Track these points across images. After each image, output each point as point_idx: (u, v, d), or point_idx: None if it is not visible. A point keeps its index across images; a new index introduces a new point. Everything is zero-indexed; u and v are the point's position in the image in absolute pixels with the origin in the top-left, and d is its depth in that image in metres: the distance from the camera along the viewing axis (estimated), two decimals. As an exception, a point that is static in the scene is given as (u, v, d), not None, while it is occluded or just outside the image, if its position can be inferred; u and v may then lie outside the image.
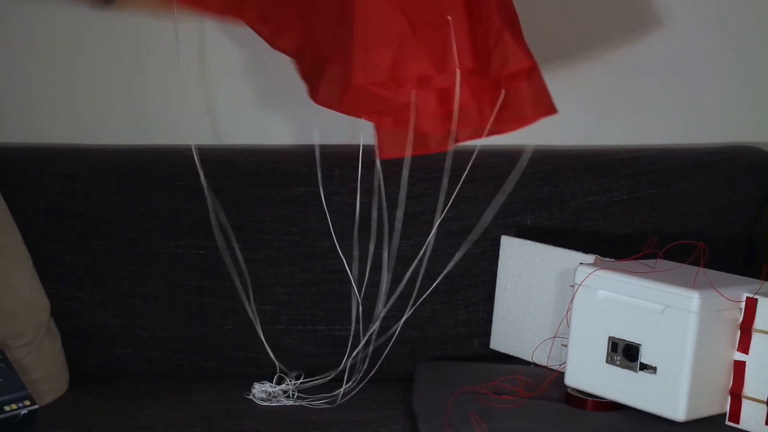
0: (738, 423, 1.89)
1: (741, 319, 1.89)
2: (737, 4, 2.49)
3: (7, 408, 1.90)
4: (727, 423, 1.91)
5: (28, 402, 1.93)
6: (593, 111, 2.51)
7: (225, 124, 2.47)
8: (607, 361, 1.96)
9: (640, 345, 1.92)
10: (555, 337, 2.15)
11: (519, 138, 2.50)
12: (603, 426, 1.92)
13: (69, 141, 2.47)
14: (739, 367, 1.89)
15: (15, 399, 1.92)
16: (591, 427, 1.92)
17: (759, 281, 1.96)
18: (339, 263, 2.29)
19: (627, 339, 1.93)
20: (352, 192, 2.30)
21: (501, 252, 2.28)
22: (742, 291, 1.90)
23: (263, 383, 2.17)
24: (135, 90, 2.47)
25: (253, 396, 2.14)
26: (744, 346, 1.89)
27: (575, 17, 2.49)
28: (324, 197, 2.28)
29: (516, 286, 2.25)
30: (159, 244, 2.30)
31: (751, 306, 1.88)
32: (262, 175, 2.31)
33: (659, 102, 2.52)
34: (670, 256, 2.06)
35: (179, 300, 2.29)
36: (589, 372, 1.98)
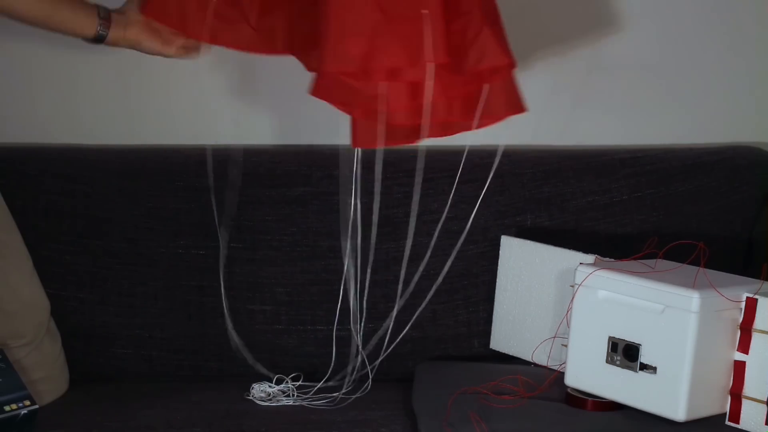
0: (738, 423, 1.89)
1: (741, 319, 1.89)
2: (737, 3, 2.49)
3: (7, 408, 1.90)
4: (727, 423, 1.91)
5: (28, 402, 1.93)
6: (593, 111, 2.51)
7: (225, 124, 2.47)
8: (607, 361, 1.96)
9: (640, 345, 1.91)
10: (555, 337, 2.15)
11: (521, 137, 2.51)
12: (603, 426, 1.92)
13: (69, 141, 2.47)
14: (739, 367, 1.89)
15: (15, 399, 1.92)
16: (591, 427, 1.92)
17: (759, 281, 1.95)
18: (339, 263, 2.28)
19: (627, 339, 1.93)
20: (350, 192, 2.30)
21: (501, 252, 2.28)
22: (742, 291, 1.89)
23: (262, 384, 2.17)
24: (135, 90, 2.47)
25: (253, 396, 2.14)
26: (744, 346, 1.89)
27: (577, 16, 2.49)
28: (324, 197, 2.28)
29: (516, 286, 2.25)
30: (159, 244, 2.30)
31: (751, 306, 1.88)
32: (262, 175, 2.31)
33: (659, 102, 2.52)
34: (670, 256, 2.06)
35: (179, 300, 2.29)
36: (589, 372, 1.98)
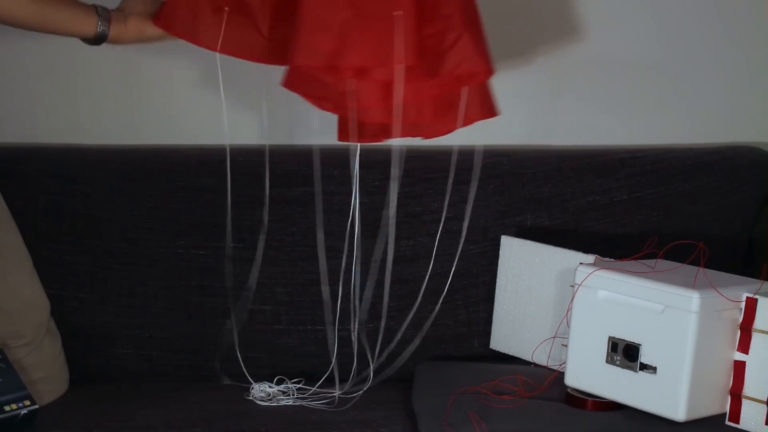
0: (738, 423, 1.89)
1: (741, 319, 1.89)
2: (737, 3, 2.49)
3: (7, 408, 1.90)
4: (727, 423, 1.90)
5: (28, 402, 1.93)
6: (593, 110, 2.51)
7: (225, 123, 2.47)
8: (607, 361, 1.95)
9: (640, 345, 1.91)
10: (555, 337, 2.15)
11: (521, 137, 2.51)
12: (603, 426, 1.92)
13: (69, 141, 2.47)
14: (739, 367, 1.89)
15: (15, 399, 1.92)
16: (591, 427, 1.92)
17: (759, 281, 1.95)
18: (339, 263, 2.28)
19: (627, 339, 1.93)
20: (352, 192, 2.30)
21: (501, 252, 2.28)
22: (742, 291, 1.89)
23: (262, 384, 2.17)
24: (135, 90, 2.47)
25: (253, 396, 2.14)
26: (744, 346, 1.89)
27: (578, 17, 2.49)
28: (324, 197, 2.28)
29: (516, 286, 2.25)
30: (159, 244, 2.30)
31: (751, 306, 1.88)
32: (262, 175, 2.31)
33: (659, 102, 2.52)
34: (670, 256, 2.06)
35: (179, 300, 2.29)
36: (589, 372, 1.98)
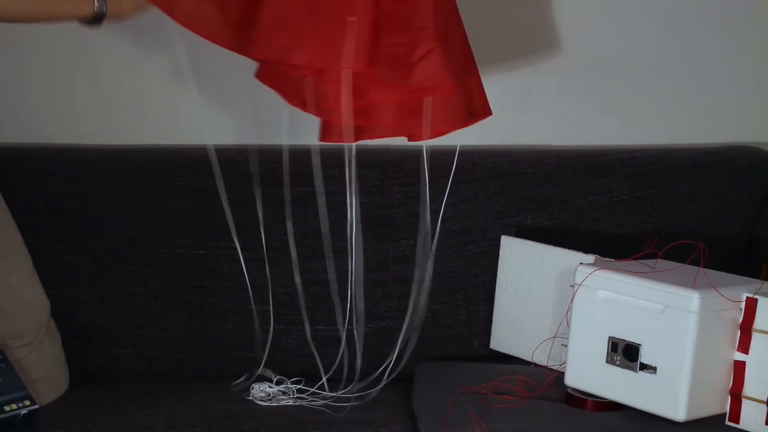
0: (738, 423, 1.89)
1: (741, 319, 1.89)
2: (738, 3, 2.49)
3: (7, 408, 1.90)
4: (727, 423, 1.91)
5: (28, 402, 1.93)
6: (593, 110, 2.51)
7: (224, 123, 2.47)
8: (607, 361, 1.95)
9: (640, 345, 1.91)
10: (555, 337, 2.15)
11: (521, 137, 2.51)
12: (603, 426, 1.92)
13: (69, 141, 2.47)
14: (739, 367, 1.89)
15: (15, 399, 1.92)
16: (591, 427, 1.92)
17: (759, 281, 1.96)
18: (339, 263, 2.28)
19: (627, 339, 1.93)
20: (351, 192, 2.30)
21: (501, 252, 2.28)
22: (742, 291, 1.89)
23: (262, 384, 2.17)
24: (134, 90, 2.47)
25: (253, 396, 2.14)
26: (744, 346, 1.89)
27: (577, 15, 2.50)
28: (325, 197, 2.28)
29: (516, 286, 2.25)
30: (159, 244, 2.30)
31: (751, 306, 1.88)
32: (262, 175, 2.30)
33: (659, 102, 2.52)
34: (670, 256, 2.06)
35: (179, 300, 2.29)
36: (589, 372, 1.98)
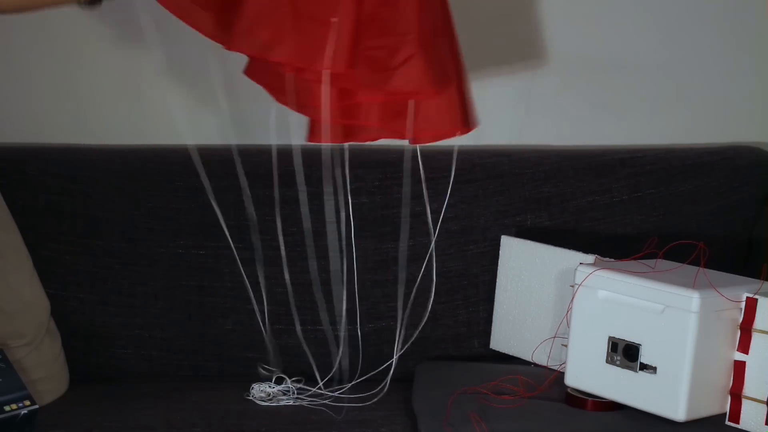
0: (738, 423, 1.89)
1: (741, 319, 1.89)
2: (738, 3, 2.49)
3: (7, 408, 1.90)
4: (727, 423, 1.91)
5: (28, 402, 1.93)
6: (593, 110, 2.51)
7: (225, 123, 2.47)
8: (607, 361, 1.95)
9: (640, 345, 1.91)
10: (555, 337, 2.15)
11: (521, 137, 2.51)
12: (603, 426, 1.92)
13: (69, 141, 2.47)
14: (739, 367, 1.89)
15: (15, 399, 1.92)
16: (591, 427, 1.92)
17: (759, 281, 1.96)
18: (337, 263, 2.29)
19: (627, 339, 1.93)
20: (352, 192, 2.30)
21: (501, 252, 2.28)
22: (742, 291, 1.90)
23: (262, 384, 2.17)
24: (134, 90, 2.47)
25: (253, 396, 2.14)
26: (744, 346, 1.89)
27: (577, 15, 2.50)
28: (325, 197, 2.28)
29: (516, 286, 2.25)
30: (159, 244, 2.30)
31: (751, 306, 1.88)
32: (262, 175, 2.31)
33: (659, 102, 2.52)
34: (670, 256, 2.06)
35: (179, 300, 2.29)
36: (589, 372, 1.98)
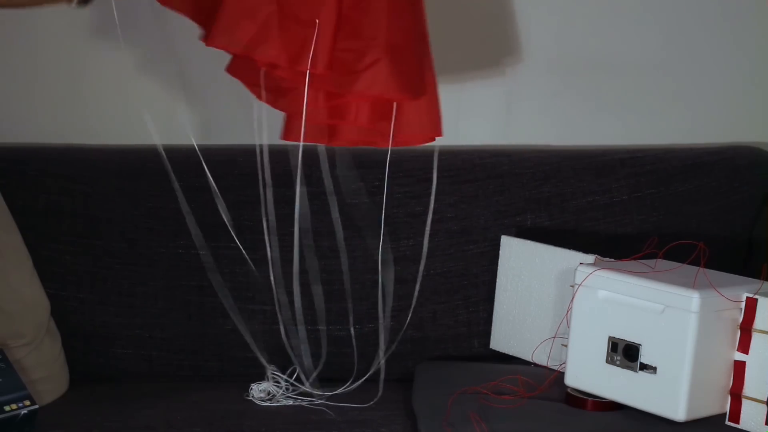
0: (738, 423, 1.89)
1: (741, 319, 1.89)
2: (738, 3, 2.49)
3: (7, 408, 1.90)
4: (727, 423, 1.91)
5: (28, 402, 1.93)
6: (593, 110, 2.51)
7: (225, 123, 2.47)
8: (607, 361, 1.96)
9: (640, 345, 1.91)
10: (555, 337, 2.15)
11: (521, 137, 2.51)
12: (603, 426, 1.92)
13: (69, 141, 2.47)
14: (739, 367, 1.89)
15: (15, 399, 1.92)
16: (591, 427, 1.92)
17: (759, 281, 1.96)
18: (339, 263, 2.29)
19: (627, 339, 1.93)
20: (352, 192, 2.30)
21: (501, 252, 2.28)
22: (742, 291, 1.90)
23: (260, 384, 2.17)
24: (135, 90, 2.46)
25: (252, 397, 2.14)
26: (744, 346, 1.89)
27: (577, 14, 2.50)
28: (324, 197, 2.28)
29: (516, 286, 2.25)
30: (159, 244, 2.30)
31: (751, 306, 1.88)
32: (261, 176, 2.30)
33: (659, 102, 2.52)
34: (670, 256, 2.06)
35: (179, 300, 2.29)
36: (589, 372, 1.98)
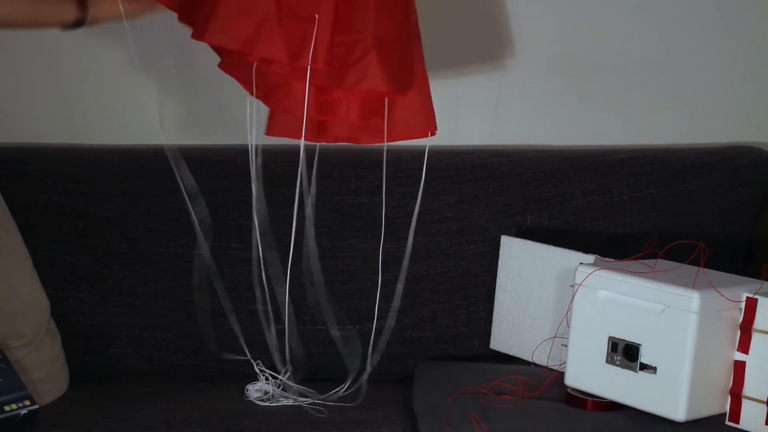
0: (738, 423, 1.89)
1: (741, 319, 1.89)
2: (738, 3, 2.49)
3: (7, 408, 1.90)
4: (727, 423, 1.91)
5: (28, 402, 1.93)
6: (593, 110, 2.51)
7: (225, 123, 2.47)
8: (607, 361, 1.96)
9: (640, 345, 1.91)
10: (555, 337, 2.15)
11: (521, 137, 2.51)
12: (603, 426, 1.92)
13: (69, 141, 2.47)
14: (739, 367, 1.89)
15: (15, 399, 1.92)
16: (591, 427, 1.92)
17: (759, 281, 1.96)
18: (339, 263, 2.29)
19: (627, 339, 1.93)
20: (352, 192, 2.30)
21: (501, 252, 2.28)
22: (742, 291, 1.89)
23: (255, 384, 2.16)
24: (134, 90, 2.47)
25: (252, 397, 2.14)
26: (744, 346, 1.89)
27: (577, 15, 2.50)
28: (324, 197, 2.28)
29: (516, 286, 2.25)
30: (159, 244, 2.30)
31: (751, 306, 1.88)
32: (262, 175, 2.30)
33: (659, 102, 2.52)
34: (670, 256, 2.06)
35: (179, 300, 2.29)
36: (589, 372, 1.98)
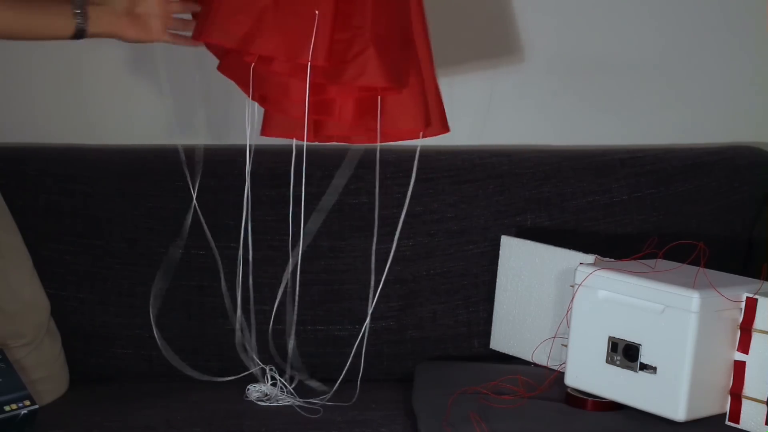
0: (738, 423, 1.89)
1: (741, 319, 1.89)
2: (738, 3, 2.49)
3: (7, 408, 1.90)
4: (727, 423, 1.91)
5: (28, 402, 1.93)
6: (593, 110, 2.51)
7: (225, 123, 2.47)
8: (607, 361, 1.96)
9: (640, 345, 1.91)
10: (555, 337, 2.15)
11: (521, 137, 2.51)
12: (603, 426, 1.92)
13: (69, 141, 2.47)
14: (739, 367, 1.89)
15: (15, 399, 1.92)
16: (591, 427, 1.92)
17: (759, 281, 1.96)
18: (339, 263, 2.29)
19: (627, 339, 1.93)
20: (352, 192, 2.30)
21: (501, 252, 2.28)
22: (742, 291, 1.90)
23: (256, 385, 2.16)
24: (135, 90, 2.47)
25: (252, 397, 2.14)
26: (744, 346, 1.89)
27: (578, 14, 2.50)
28: (325, 197, 2.29)
29: (516, 286, 2.25)
30: (159, 244, 2.30)
31: (751, 306, 1.88)
32: (262, 175, 2.30)
33: (659, 102, 2.52)
34: (670, 256, 2.06)
35: (179, 300, 2.29)
36: (589, 372, 1.98)
